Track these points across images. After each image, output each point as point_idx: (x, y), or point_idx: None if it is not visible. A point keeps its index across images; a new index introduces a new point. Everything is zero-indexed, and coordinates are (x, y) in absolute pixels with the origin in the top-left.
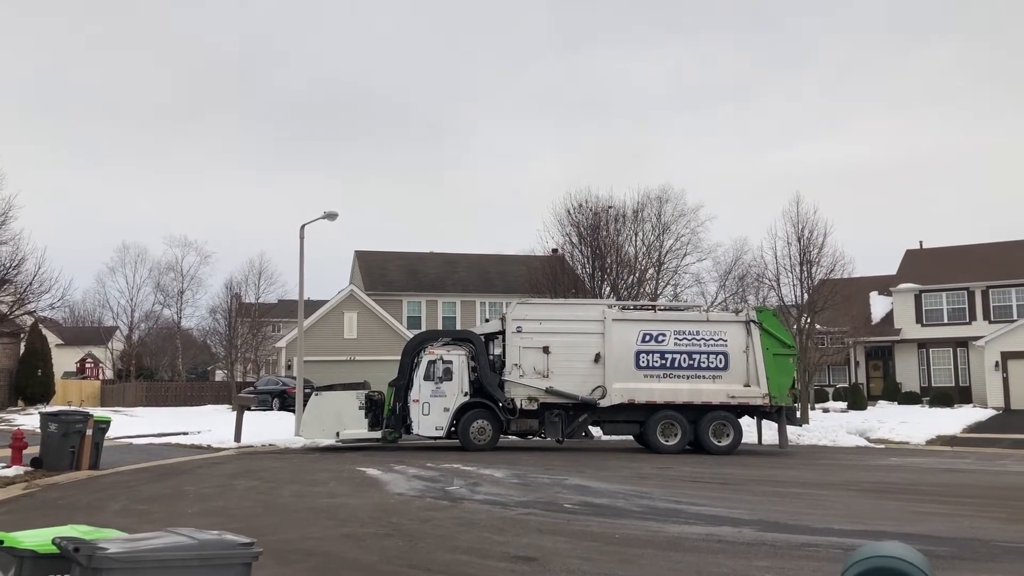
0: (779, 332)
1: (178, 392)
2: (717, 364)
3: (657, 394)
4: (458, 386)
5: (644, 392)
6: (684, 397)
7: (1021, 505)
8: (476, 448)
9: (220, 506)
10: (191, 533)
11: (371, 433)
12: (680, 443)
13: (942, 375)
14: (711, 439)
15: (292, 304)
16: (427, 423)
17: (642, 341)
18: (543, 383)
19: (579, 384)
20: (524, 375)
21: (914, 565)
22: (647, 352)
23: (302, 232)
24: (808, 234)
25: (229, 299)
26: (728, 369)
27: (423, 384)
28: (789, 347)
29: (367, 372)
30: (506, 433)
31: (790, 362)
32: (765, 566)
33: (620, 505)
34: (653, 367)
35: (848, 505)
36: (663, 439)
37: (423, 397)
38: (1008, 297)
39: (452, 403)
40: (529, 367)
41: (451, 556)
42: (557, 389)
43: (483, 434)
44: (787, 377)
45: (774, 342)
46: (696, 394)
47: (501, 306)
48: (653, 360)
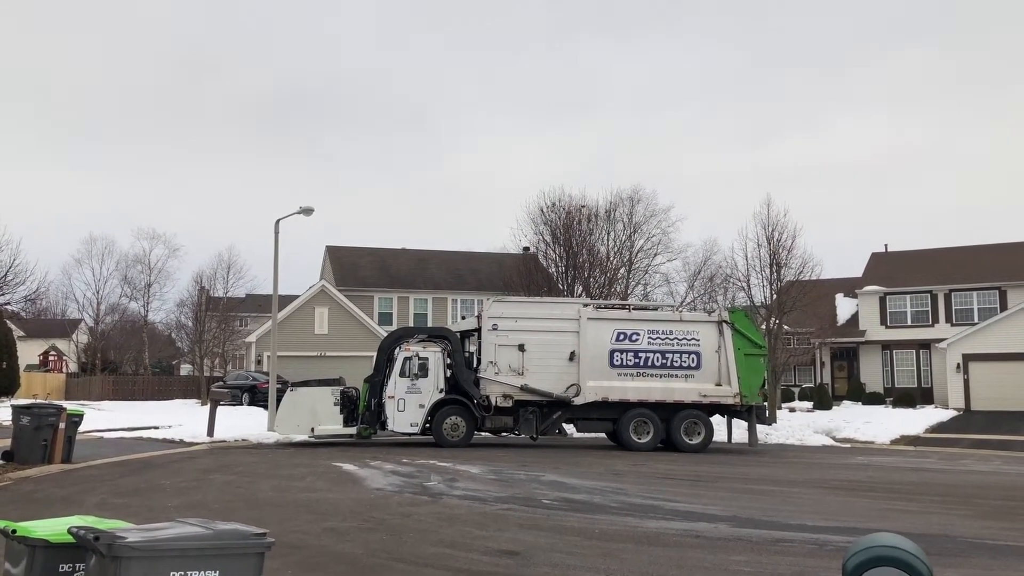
0: (750, 332)
1: (146, 386)
2: (689, 363)
3: (630, 392)
4: (433, 383)
5: (618, 390)
6: (657, 396)
7: (984, 503)
8: (449, 444)
9: (199, 500)
10: (204, 523)
11: (346, 429)
12: (652, 441)
13: (905, 376)
14: (683, 437)
15: (261, 299)
16: (402, 419)
17: (616, 340)
18: (518, 381)
19: (554, 382)
20: (499, 372)
21: (911, 554)
22: (621, 351)
23: (277, 227)
24: (778, 236)
25: (197, 293)
26: (700, 368)
27: (398, 381)
28: (760, 347)
29: (338, 368)
30: (481, 430)
31: (761, 362)
32: (743, 560)
33: (597, 501)
34: (627, 366)
35: (819, 502)
36: (636, 437)
37: (398, 394)
38: (970, 300)
39: (427, 400)
40: (504, 365)
41: (435, 550)
42: (532, 387)
43: (456, 431)
44: (758, 377)
45: (745, 342)
46: (669, 393)
47: (473, 303)
48: (627, 359)
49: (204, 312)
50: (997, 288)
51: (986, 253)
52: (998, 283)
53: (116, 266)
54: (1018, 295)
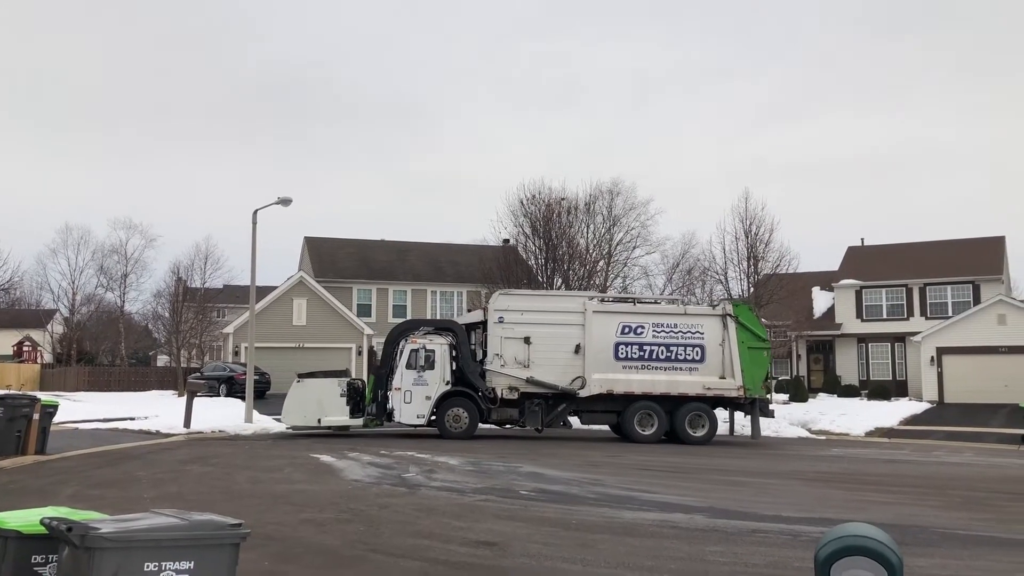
0: (754, 326)
1: (122, 377)
2: (694, 356)
3: (635, 385)
4: (440, 375)
5: (623, 383)
6: (661, 388)
7: (956, 494)
8: (453, 436)
9: (176, 491)
10: (179, 514)
11: (352, 420)
12: (657, 433)
13: (880, 369)
14: (687, 429)
15: (238, 289)
16: (409, 411)
17: (621, 333)
18: (524, 373)
19: (559, 374)
20: (505, 365)
21: (882, 543)
22: (626, 344)
23: (255, 217)
24: (755, 230)
25: (175, 283)
26: (704, 361)
27: (405, 372)
28: (763, 341)
29: (316, 359)
30: (487, 422)
31: (764, 355)
32: (718, 551)
33: (575, 492)
34: (631, 359)
35: (794, 493)
36: (640, 429)
37: (405, 385)
38: (944, 294)
39: (434, 392)
40: (510, 357)
41: (413, 541)
42: (538, 379)
43: (458, 422)
44: (761, 370)
45: (749, 335)
46: (673, 385)
47: (453, 295)
48: (632, 352)
49: (181, 303)
50: (971, 282)
51: (960, 248)
52: (972, 277)
53: (92, 256)
54: (991, 289)
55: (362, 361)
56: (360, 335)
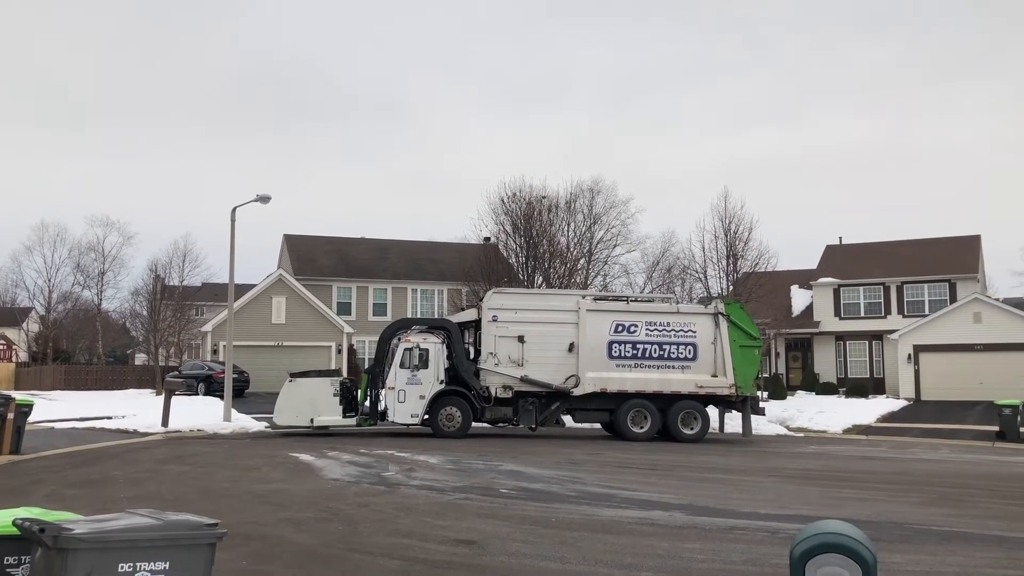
0: (746, 324)
1: (99, 376)
2: (686, 355)
3: (629, 383)
4: (434, 374)
5: (616, 381)
6: (654, 386)
7: (931, 490)
8: (446, 435)
9: (153, 491)
10: (154, 514)
11: (345, 420)
12: (650, 431)
13: (858, 367)
14: (680, 427)
15: (217, 287)
16: (403, 410)
17: (615, 332)
18: (518, 372)
19: (553, 373)
20: (499, 364)
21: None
22: (619, 342)
23: (233, 215)
24: (735, 228)
25: (152, 281)
26: (697, 360)
27: (399, 372)
28: (755, 339)
29: (296, 358)
30: (481, 421)
31: (755, 353)
32: (696, 548)
33: (554, 490)
34: (625, 357)
35: (772, 490)
36: (634, 427)
37: (399, 384)
38: (921, 292)
39: (428, 391)
40: (504, 356)
41: (392, 540)
42: (532, 378)
43: (452, 421)
44: (752, 368)
45: (741, 334)
46: (666, 383)
47: (433, 294)
48: (625, 350)
49: (159, 301)
50: (947, 281)
51: (937, 247)
52: (948, 276)
53: (68, 253)
54: (967, 288)
55: (342, 359)
56: (340, 333)
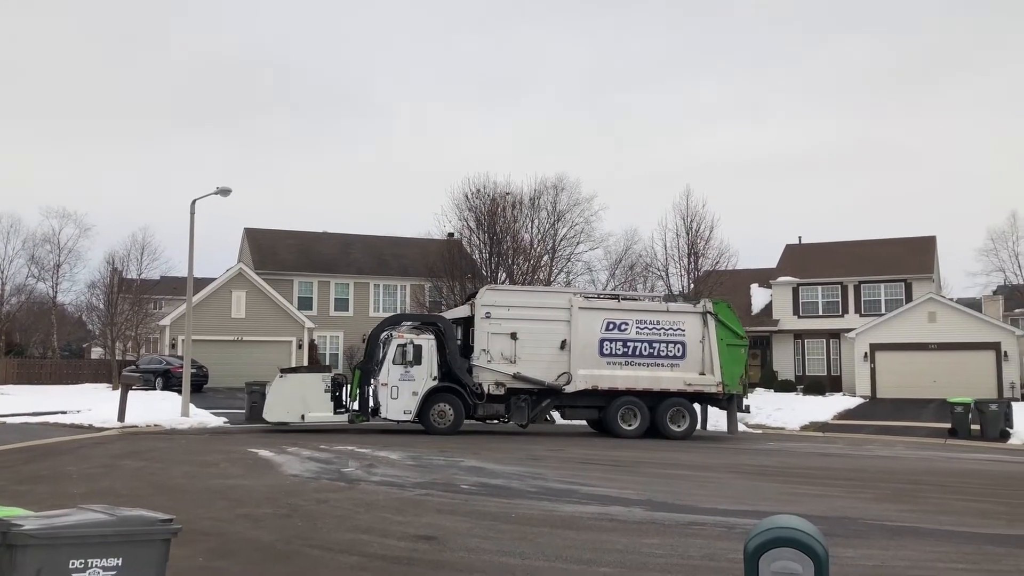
0: (733, 324)
1: (54, 370)
2: (675, 353)
3: (619, 381)
4: (427, 370)
5: (607, 379)
6: (644, 384)
7: (885, 486)
8: (438, 432)
9: (108, 487)
10: (107, 510)
11: (336, 417)
12: (640, 428)
13: (816, 365)
14: (669, 424)
15: (176, 281)
16: (395, 407)
17: (606, 330)
18: (511, 369)
19: (545, 370)
20: (492, 360)
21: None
22: (610, 340)
23: (193, 208)
24: (696, 226)
25: (110, 274)
26: (685, 358)
27: (392, 368)
28: (741, 338)
29: (256, 353)
30: (473, 418)
31: (741, 352)
32: (655, 543)
33: (515, 486)
34: (616, 355)
35: (730, 486)
36: (623, 424)
37: (392, 381)
38: (878, 292)
39: (421, 387)
40: (497, 353)
41: (351, 536)
42: (524, 375)
43: (444, 418)
44: (739, 366)
45: (728, 333)
46: (655, 381)
47: (396, 289)
48: (616, 348)
49: (116, 294)
50: (903, 281)
51: (894, 247)
52: (904, 276)
53: (23, 245)
54: (922, 288)
55: (303, 354)
56: (301, 328)
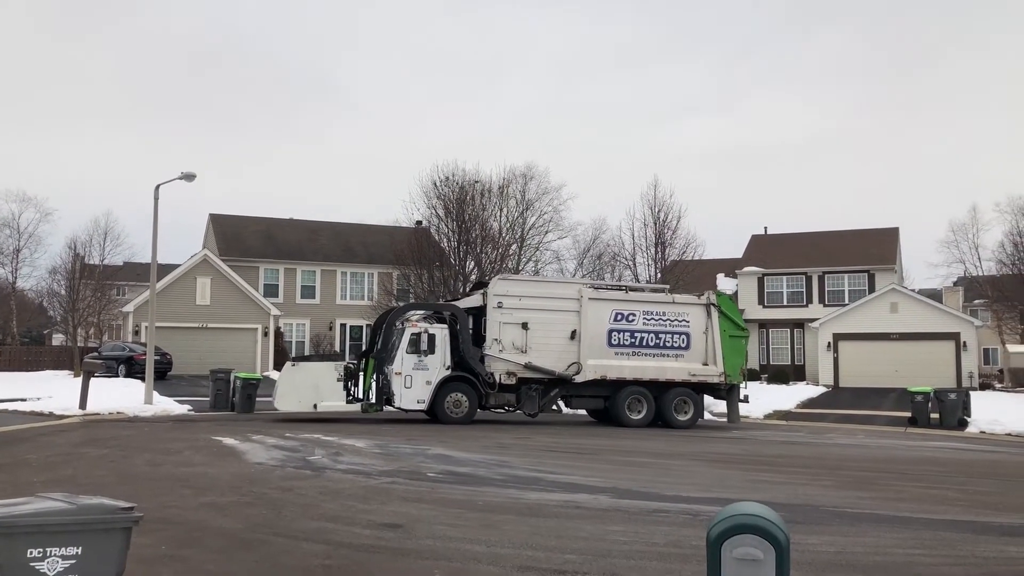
0: (734, 315)
1: (13, 356)
2: (680, 344)
3: (627, 371)
4: (440, 359)
5: (615, 369)
6: (651, 374)
7: (846, 474)
8: (452, 422)
9: (69, 475)
10: (67, 498)
11: (349, 406)
12: (646, 417)
13: (780, 354)
14: (674, 414)
15: (139, 267)
16: (409, 396)
17: (614, 320)
18: (522, 358)
19: (555, 360)
20: (504, 350)
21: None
22: (618, 331)
23: (156, 193)
24: (664, 216)
25: (72, 259)
26: (690, 348)
27: (406, 357)
28: (743, 330)
29: (221, 340)
30: (485, 407)
31: (743, 343)
32: (620, 530)
33: (482, 474)
34: (623, 345)
35: (694, 474)
36: (631, 413)
37: (405, 370)
38: (841, 282)
39: (434, 376)
40: (508, 342)
41: (317, 524)
42: (535, 364)
43: (459, 407)
44: (740, 357)
45: (730, 324)
46: (662, 371)
47: (364, 276)
48: (623, 338)
49: (78, 280)
50: (866, 271)
51: (857, 238)
52: (867, 267)
53: None
54: (885, 278)
55: (269, 342)
56: (267, 316)
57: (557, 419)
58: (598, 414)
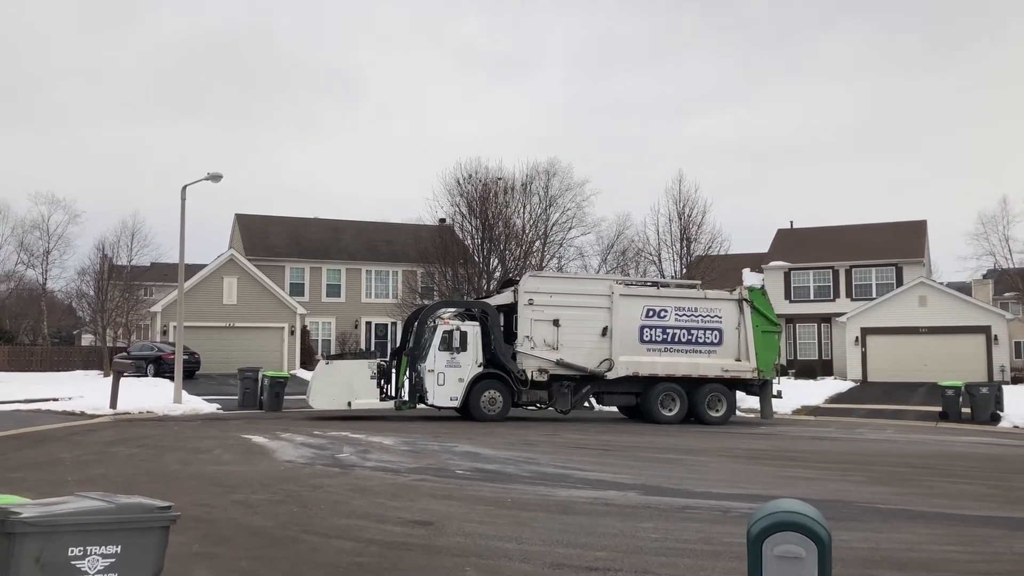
0: (767, 311)
1: (44, 357)
2: (713, 339)
3: (659, 367)
4: (472, 357)
5: (647, 365)
6: (683, 370)
7: (878, 470)
8: (487, 419)
9: (101, 473)
10: (105, 497)
11: (382, 404)
12: (679, 414)
13: (807, 349)
14: (707, 410)
15: (166, 267)
16: (442, 393)
17: (646, 316)
18: (553, 355)
19: (587, 356)
20: (535, 347)
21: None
22: (650, 327)
23: (183, 193)
24: (688, 212)
25: (100, 260)
26: (722, 344)
27: (438, 354)
28: (775, 325)
29: (248, 339)
30: (517, 404)
31: (775, 339)
32: (651, 527)
33: (510, 471)
34: (655, 341)
35: (723, 470)
36: (663, 410)
37: (438, 367)
38: (868, 276)
39: (467, 373)
40: (540, 339)
41: (347, 521)
42: (567, 361)
43: (494, 404)
44: (773, 353)
45: (763, 320)
46: (694, 367)
47: (388, 275)
48: (655, 335)
49: (106, 281)
50: (894, 265)
51: (884, 231)
52: (895, 260)
53: (12, 232)
54: (913, 272)
55: (295, 341)
56: (293, 314)
57: (588, 416)
58: (630, 411)
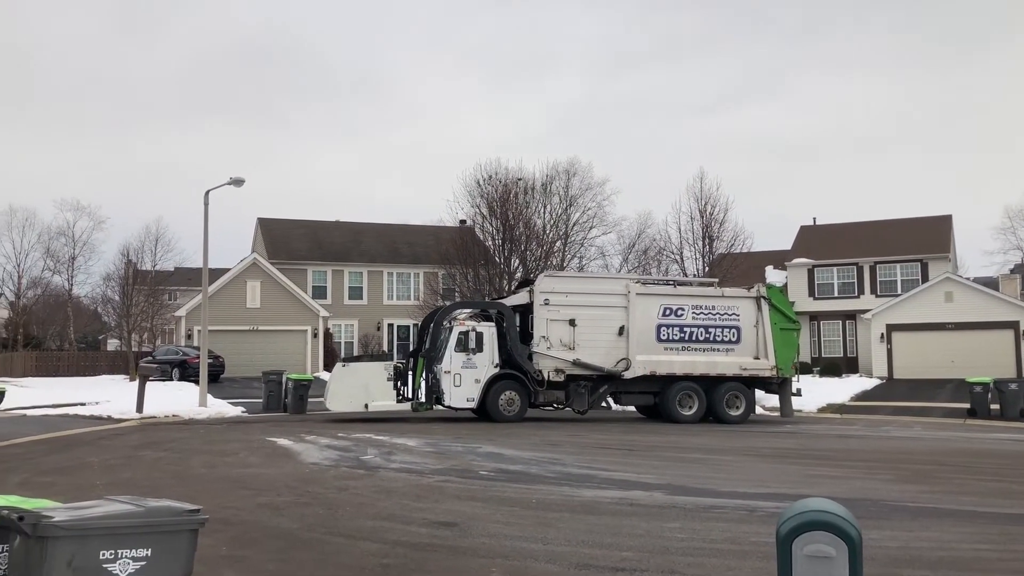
0: (785, 308)
1: (71, 362)
2: (730, 338)
3: (677, 366)
4: (489, 358)
5: (665, 364)
6: (701, 369)
7: (905, 467)
8: (505, 420)
9: (128, 477)
10: (134, 500)
11: (399, 406)
12: (697, 413)
13: (832, 346)
14: (726, 409)
15: (190, 272)
16: (459, 394)
17: (663, 315)
18: (570, 355)
19: (604, 356)
20: (551, 347)
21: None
22: (667, 326)
23: (206, 198)
24: (710, 209)
25: (124, 266)
26: (740, 342)
27: (454, 355)
28: (794, 322)
29: (271, 342)
30: (534, 405)
31: (794, 336)
32: (677, 527)
33: (534, 471)
34: (673, 340)
35: (749, 469)
36: (682, 409)
37: (454, 368)
38: (893, 272)
39: (483, 374)
40: (556, 339)
41: (373, 523)
42: (584, 361)
43: (512, 405)
44: (792, 350)
45: (781, 317)
46: (712, 366)
47: (409, 277)
48: (673, 333)
49: (131, 286)
50: (919, 260)
51: (909, 227)
52: (920, 256)
53: (38, 239)
54: (938, 267)
55: (318, 344)
56: (316, 317)
57: (606, 416)
58: (648, 410)
